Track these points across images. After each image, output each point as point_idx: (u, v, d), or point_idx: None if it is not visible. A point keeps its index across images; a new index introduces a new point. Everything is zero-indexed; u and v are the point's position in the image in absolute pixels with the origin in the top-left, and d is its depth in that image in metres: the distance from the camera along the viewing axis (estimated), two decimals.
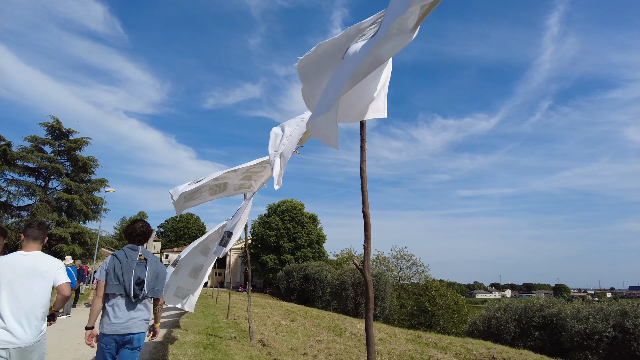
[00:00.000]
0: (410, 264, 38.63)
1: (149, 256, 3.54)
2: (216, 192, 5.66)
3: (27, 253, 3.12)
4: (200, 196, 5.59)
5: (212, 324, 9.67)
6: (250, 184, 5.85)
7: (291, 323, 10.81)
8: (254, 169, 5.28)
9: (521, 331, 16.98)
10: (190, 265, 8.58)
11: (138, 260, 3.42)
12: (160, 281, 3.58)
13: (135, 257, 3.43)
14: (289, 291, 36.46)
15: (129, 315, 3.32)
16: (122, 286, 3.30)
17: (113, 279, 3.31)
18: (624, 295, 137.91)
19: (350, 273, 29.16)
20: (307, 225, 44.33)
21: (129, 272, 3.33)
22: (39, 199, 32.54)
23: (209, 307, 15.24)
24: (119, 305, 3.31)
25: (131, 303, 3.34)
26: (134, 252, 3.46)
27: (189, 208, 5.71)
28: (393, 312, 29.73)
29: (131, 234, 3.59)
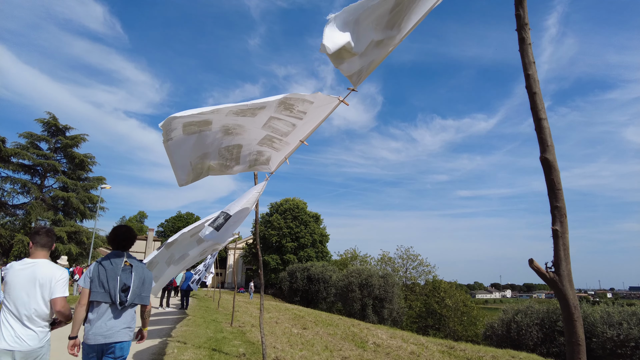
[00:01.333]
0: (417, 264, 37.57)
1: (134, 262, 3.46)
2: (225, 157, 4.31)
3: (33, 261, 3.17)
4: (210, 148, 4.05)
5: (215, 333, 8.56)
6: (268, 156, 4.57)
7: (304, 331, 9.76)
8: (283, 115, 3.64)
9: (544, 336, 15.90)
10: (180, 253, 7.53)
11: (123, 267, 3.34)
12: (147, 287, 3.48)
13: (121, 263, 3.35)
14: (292, 292, 35.35)
15: (113, 323, 3.22)
16: (107, 293, 3.20)
17: (98, 286, 3.21)
18: (624, 295, 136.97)
19: (356, 273, 28.06)
20: (310, 225, 43.23)
21: (115, 278, 3.24)
22: (35, 197, 31.50)
23: (210, 311, 14.16)
24: (104, 313, 3.21)
25: (117, 310, 3.25)
26: (119, 258, 3.38)
27: (196, 178, 4.40)
28: (401, 315, 28.64)
29: (115, 240, 3.50)
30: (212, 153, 4.10)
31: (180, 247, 7.16)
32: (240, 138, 4.04)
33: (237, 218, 4.99)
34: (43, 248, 3.24)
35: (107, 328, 3.19)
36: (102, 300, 3.19)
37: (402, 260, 38.34)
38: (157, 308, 15.30)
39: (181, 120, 3.26)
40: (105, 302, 3.21)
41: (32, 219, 30.18)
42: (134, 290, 3.31)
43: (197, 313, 13.11)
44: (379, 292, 27.23)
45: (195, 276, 15.21)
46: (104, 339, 3.17)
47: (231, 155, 4.33)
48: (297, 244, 42.55)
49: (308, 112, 3.56)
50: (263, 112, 3.51)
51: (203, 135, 3.71)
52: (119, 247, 3.50)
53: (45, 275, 3.12)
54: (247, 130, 3.87)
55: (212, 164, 4.25)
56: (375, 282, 27.38)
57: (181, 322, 10.56)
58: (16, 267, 3.11)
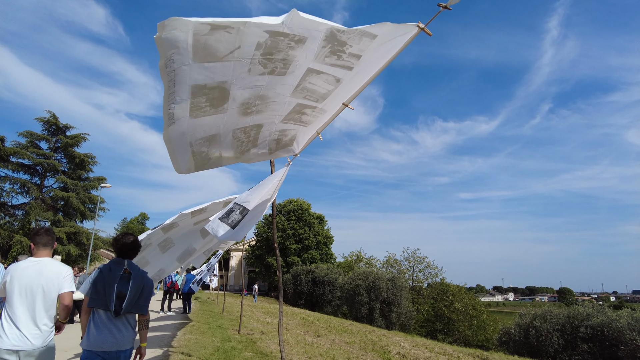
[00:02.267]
0: (424, 266, 36.76)
1: (134, 270, 3.39)
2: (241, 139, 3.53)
3: (37, 260, 3.19)
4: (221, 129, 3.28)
5: (223, 342, 7.78)
6: (293, 135, 3.69)
7: (318, 340, 9.02)
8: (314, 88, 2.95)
9: (565, 343, 15.09)
10: (185, 246, 6.73)
11: (122, 274, 3.30)
12: (145, 296, 3.41)
13: (120, 271, 3.31)
14: (297, 295, 34.55)
15: (110, 331, 3.18)
16: (103, 300, 3.17)
17: (95, 292, 3.20)
18: (627, 299, 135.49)
19: (363, 276, 27.27)
20: (314, 226, 42.43)
21: (112, 286, 3.22)
22: (34, 197, 30.86)
23: (214, 315, 13.41)
24: (101, 321, 3.18)
25: (114, 318, 3.21)
26: (118, 266, 3.35)
27: (199, 167, 3.74)
28: (409, 319, 27.82)
29: (121, 249, 3.45)
30: (224, 135, 3.31)
31: (182, 234, 6.36)
32: (262, 116, 3.25)
33: (255, 213, 4.21)
34: (45, 247, 3.27)
35: (107, 336, 3.15)
36: (98, 307, 3.16)
37: (408, 263, 37.56)
38: (158, 312, 14.56)
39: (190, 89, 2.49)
40: (103, 310, 3.18)
41: (31, 220, 29.52)
42: (131, 299, 3.25)
43: (201, 318, 12.37)
44: (386, 295, 26.44)
45: (197, 277, 14.47)
46: (105, 346, 3.13)
47: (248, 138, 3.57)
48: (301, 246, 41.79)
49: (364, 55, 2.65)
50: (299, 59, 2.59)
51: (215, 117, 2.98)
52: (123, 255, 3.46)
53: (52, 272, 3.16)
54: (272, 103, 3.06)
55: (223, 153, 3.49)
56: (383, 285, 26.59)
57: (184, 328, 9.81)
58: (21, 265, 3.13)
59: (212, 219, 4.10)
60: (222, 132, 3.28)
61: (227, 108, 2.79)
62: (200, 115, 2.77)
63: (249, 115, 3.11)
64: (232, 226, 4.02)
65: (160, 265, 6.37)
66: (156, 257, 6.14)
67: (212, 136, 3.25)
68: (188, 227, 6.22)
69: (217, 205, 6.01)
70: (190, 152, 3.35)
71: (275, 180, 4.37)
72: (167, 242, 6.14)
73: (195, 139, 3.16)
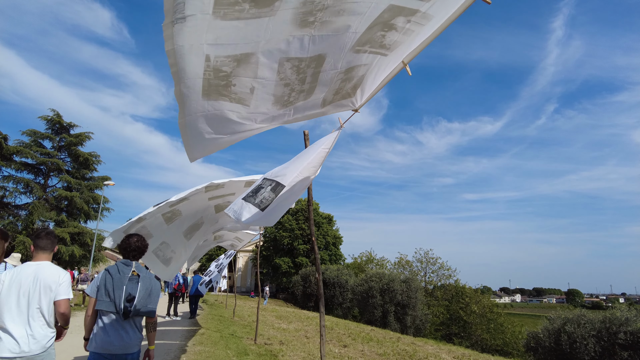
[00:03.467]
0: (437, 267, 35.62)
1: (142, 272, 3.32)
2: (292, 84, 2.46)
3: (35, 263, 3.13)
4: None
5: (239, 356, 6.76)
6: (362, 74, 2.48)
7: (346, 351, 8.06)
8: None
9: (602, 350, 13.98)
10: (193, 220, 5.74)
11: (130, 276, 3.24)
12: (154, 298, 3.32)
13: (128, 272, 3.25)
14: (306, 297, 33.58)
15: (119, 333, 3.12)
16: (112, 302, 3.13)
17: (104, 294, 3.15)
18: (637, 301, 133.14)
19: (377, 278, 26.22)
20: (323, 226, 41.41)
21: (120, 288, 3.16)
22: (38, 197, 30.15)
23: (225, 321, 12.45)
24: (110, 323, 3.14)
25: (121, 321, 3.15)
26: (127, 267, 3.29)
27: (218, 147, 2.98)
28: (424, 322, 26.74)
29: (126, 249, 3.42)
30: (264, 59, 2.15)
31: (192, 208, 5.34)
32: (328, 34, 2.06)
33: (293, 191, 3.23)
34: (44, 250, 3.20)
35: (115, 338, 3.10)
36: (107, 309, 3.12)
37: (420, 264, 36.44)
38: (164, 317, 13.63)
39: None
40: (111, 312, 3.13)
41: (34, 220, 28.83)
42: (139, 301, 3.19)
43: (211, 324, 11.42)
44: (401, 298, 25.39)
45: (205, 278, 13.52)
46: (113, 349, 3.08)
47: (301, 81, 2.40)
48: (309, 247, 40.78)
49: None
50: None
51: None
52: (129, 256, 3.42)
53: (50, 277, 3.08)
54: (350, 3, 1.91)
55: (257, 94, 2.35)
56: (397, 287, 25.55)
57: (193, 337, 8.85)
58: (18, 269, 3.05)
59: (235, 201, 3.19)
60: (262, 51, 2.10)
61: (278, 7, 1.77)
62: (229, 16, 1.73)
63: (309, 27, 1.97)
64: (262, 207, 3.06)
65: (163, 237, 5.36)
66: (160, 229, 5.18)
67: (245, 55, 2.07)
68: (201, 201, 5.21)
69: (236, 185, 4.97)
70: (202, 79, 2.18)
71: (322, 149, 3.23)
72: (174, 213, 5.14)
73: (218, 53, 2.00)
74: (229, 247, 12.78)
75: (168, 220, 5.14)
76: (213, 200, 5.38)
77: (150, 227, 4.87)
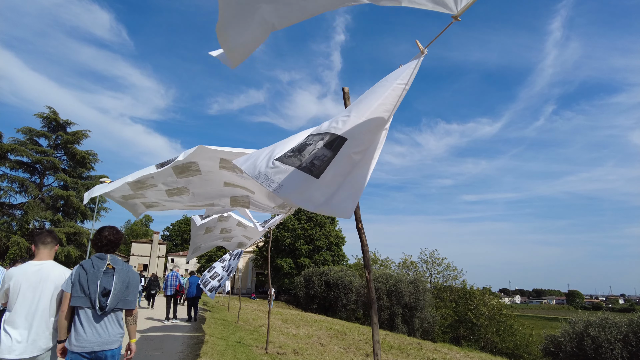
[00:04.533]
0: (443, 268, 34.77)
1: (117, 265, 3.22)
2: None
3: (38, 263, 3.09)
4: None
5: None
6: None
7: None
8: None
9: (630, 355, 13.16)
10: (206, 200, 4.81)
11: (105, 270, 3.13)
12: (132, 291, 3.24)
13: (103, 266, 3.14)
14: (309, 299, 32.63)
15: (97, 329, 3.01)
16: (87, 298, 3.01)
17: (79, 290, 3.02)
18: (637, 302, 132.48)
19: (383, 279, 25.38)
20: (325, 226, 40.54)
21: (95, 282, 3.04)
22: (33, 196, 29.28)
23: (229, 326, 11.60)
24: (87, 319, 3.01)
25: (98, 316, 3.03)
26: (101, 261, 3.19)
27: None
28: (432, 324, 25.89)
29: (97, 243, 3.31)
30: None
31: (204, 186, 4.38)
32: None
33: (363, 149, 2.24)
34: (45, 248, 3.17)
35: (93, 334, 2.98)
36: (83, 305, 3.00)
37: (426, 265, 35.59)
38: (163, 322, 12.75)
39: None
40: (87, 308, 3.01)
41: (29, 219, 27.96)
42: (116, 295, 3.09)
43: (215, 330, 10.56)
44: (409, 299, 24.55)
45: (214, 282, 12.62)
46: (91, 346, 2.96)
47: None
48: (311, 247, 39.93)
49: None
50: None
51: None
52: (102, 249, 3.30)
53: (57, 277, 3.09)
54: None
55: None
56: (405, 288, 24.71)
57: (196, 346, 7.96)
58: (23, 269, 3.01)
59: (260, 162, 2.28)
60: None
61: None
62: None
63: None
64: (309, 170, 2.09)
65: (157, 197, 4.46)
66: (158, 195, 4.33)
67: None
68: (215, 183, 4.22)
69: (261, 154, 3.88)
70: None
71: (396, 85, 2.20)
72: (180, 190, 4.25)
73: None
74: (232, 247, 11.44)
75: (171, 194, 4.31)
76: (230, 188, 4.44)
77: (150, 196, 4.10)
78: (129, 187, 4.08)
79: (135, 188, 4.11)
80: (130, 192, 4.19)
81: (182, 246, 72.61)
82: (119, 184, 4.01)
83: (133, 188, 4.11)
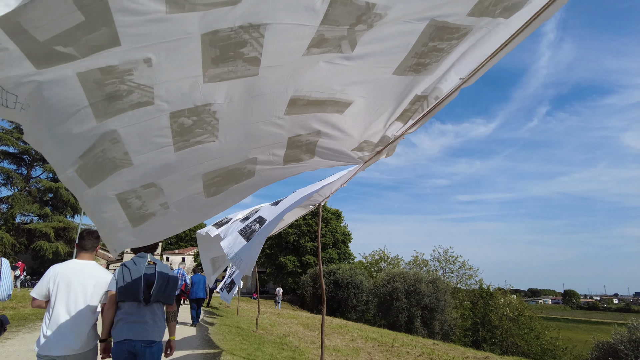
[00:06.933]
0: (457, 267, 32.96)
1: (158, 262, 3.38)
2: None
3: (84, 262, 3.14)
4: None
5: None
6: None
7: None
8: None
9: None
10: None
11: (147, 265, 3.28)
12: (172, 287, 3.37)
13: (144, 263, 3.29)
14: (316, 299, 30.71)
15: (139, 322, 3.08)
16: (131, 291, 3.11)
17: (123, 285, 3.13)
18: (632, 301, 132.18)
19: (401, 278, 23.47)
20: (331, 222, 38.63)
21: (138, 276, 3.17)
22: (19, 189, 27.03)
23: (249, 336, 9.57)
24: (131, 312, 3.10)
25: (142, 308, 3.13)
26: (142, 259, 3.34)
27: None
28: (453, 327, 24.03)
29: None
30: None
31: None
32: None
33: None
34: (87, 251, 3.21)
35: (136, 327, 3.05)
36: (127, 299, 3.09)
37: (439, 263, 33.75)
38: None
39: None
40: (132, 301, 3.10)
41: (15, 213, 25.66)
42: (158, 287, 3.18)
43: (233, 343, 8.53)
44: (428, 300, 22.67)
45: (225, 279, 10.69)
46: (134, 336, 3.02)
47: None
48: (316, 244, 37.99)
49: None
50: None
51: None
52: (141, 249, 3.40)
53: (99, 276, 3.12)
54: None
55: None
56: (424, 288, 22.83)
57: None
58: (67, 266, 3.04)
59: None
60: None
61: None
62: None
63: None
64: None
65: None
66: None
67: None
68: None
69: None
70: None
71: None
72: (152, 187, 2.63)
73: None
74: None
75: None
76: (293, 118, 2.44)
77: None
78: None
79: None
80: None
81: (177, 244, 70.48)
82: None
83: None
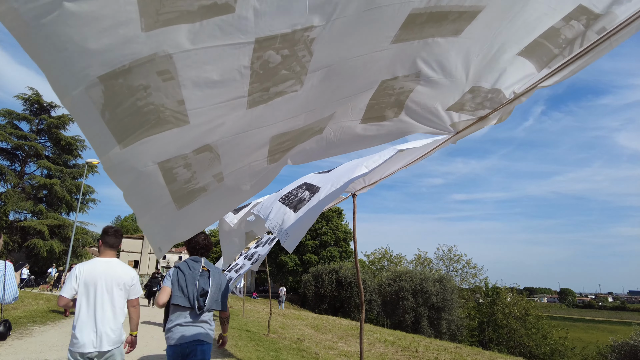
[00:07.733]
0: (461, 266, 32.42)
1: (211, 268, 3.39)
2: None
3: (108, 260, 3.14)
4: None
5: None
6: None
7: None
8: None
9: None
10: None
11: (201, 272, 3.28)
12: (224, 293, 3.42)
13: (199, 268, 3.29)
14: (318, 299, 30.07)
15: (193, 326, 3.14)
16: (186, 298, 3.13)
17: (177, 290, 3.16)
18: (627, 300, 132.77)
19: (407, 277, 22.89)
20: (332, 220, 37.98)
21: (193, 283, 3.18)
22: (12, 185, 26.14)
23: (263, 342, 8.89)
24: (184, 317, 3.14)
25: (196, 315, 3.17)
26: (196, 263, 3.33)
27: None
28: (460, 327, 23.50)
29: (194, 247, 3.43)
30: None
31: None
32: None
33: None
34: (112, 248, 3.21)
35: (189, 330, 3.10)
36: (181, 304, 3.11)
37: (442, 262, 33.22)
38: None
39: None
40: (185, 307, 3.12)
41: (8, 210, 24.77)
42: (212, 296, 3.22)
43: (247, 350, 7.80)
44: (436, 299, 22.11)
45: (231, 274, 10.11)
46: (185, 340, 3.07)
47: None
48: (318, 242, 37.35)
49: None
50: None
51: None
52: (197, 253, 3.42)
53: (127, 275, 3.14)
54: None
55: None
56: (431, 287, 22.27)
57: None
58: (93, 264, 3.05)
59: None
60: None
61: None
62: None
63: None
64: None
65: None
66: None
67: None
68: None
69: None
70: None
71: None
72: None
73: None
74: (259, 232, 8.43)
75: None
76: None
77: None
78: None
79: None
80: None
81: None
82: None
83: None
